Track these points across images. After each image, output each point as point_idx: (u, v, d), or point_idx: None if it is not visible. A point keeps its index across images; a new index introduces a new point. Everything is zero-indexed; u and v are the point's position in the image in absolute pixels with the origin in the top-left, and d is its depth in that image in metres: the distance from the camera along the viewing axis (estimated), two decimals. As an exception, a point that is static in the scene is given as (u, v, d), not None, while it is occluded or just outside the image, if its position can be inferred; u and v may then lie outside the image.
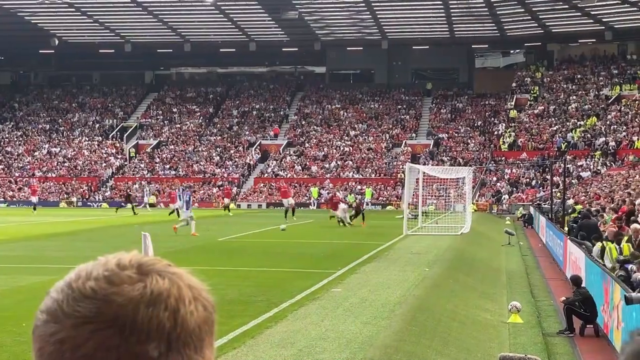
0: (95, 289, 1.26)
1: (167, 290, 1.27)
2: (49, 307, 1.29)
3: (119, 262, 1.30)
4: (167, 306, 1.26)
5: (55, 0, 75.38)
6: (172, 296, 1.27)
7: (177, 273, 1.31)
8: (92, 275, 1.28)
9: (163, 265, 1.32)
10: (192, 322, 1.28)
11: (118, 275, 1.28)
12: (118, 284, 1.27)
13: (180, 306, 1.27)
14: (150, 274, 1.29)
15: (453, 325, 15.35)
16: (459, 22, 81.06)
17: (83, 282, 1.28)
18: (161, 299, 1.26)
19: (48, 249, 28.63)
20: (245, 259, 25.44)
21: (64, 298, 1.28)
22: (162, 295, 1.27)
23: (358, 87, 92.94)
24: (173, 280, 1.29)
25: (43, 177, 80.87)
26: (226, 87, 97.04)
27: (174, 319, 1.26)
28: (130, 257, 1.32)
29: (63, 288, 1.30)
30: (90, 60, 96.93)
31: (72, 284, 1.29)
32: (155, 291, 1.26)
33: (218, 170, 79.59)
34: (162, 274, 1.29)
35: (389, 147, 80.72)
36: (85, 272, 1.30)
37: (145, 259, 1.32)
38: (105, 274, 1.28)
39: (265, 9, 77.00)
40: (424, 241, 32.29)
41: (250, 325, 13.71)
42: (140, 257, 1.32)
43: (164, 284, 1.28)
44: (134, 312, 1.24)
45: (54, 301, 1.29)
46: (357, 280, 19.85)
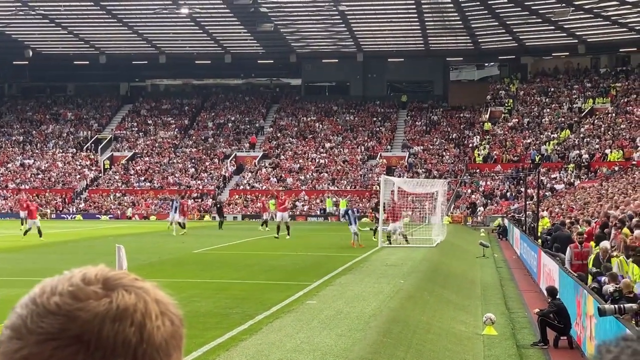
0: (59, 304, 1.24)
1: (133, 305, 1.25)
2: (14, 323, 1.27)
3: (84, 277, 1.28)
4: (133, 321, 1.24)
5: (29, 12, 75.03)
6: (138, 311, 1.25)
7: (144, 287, 1.29)
8: (57, 290, 1.26)
9: (130, 280, 1.30)
10: (158, 337, 1.26)
11: (83, 290, 1.25)
12: (83, 299, 1.24)
13: (146, 321, 1.25)
14: (116, 289, 1.27)
15: (428, 337, 15.38)
16: (434, 35, 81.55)
17: (47, 298, 1.26)
18: (127, 314, 1.24)
19: (20, 262, 28.40)
20: (221, 271, 25.37)
21: (28, 314, 1.25)
22: (128, 310, 1.25)
23: (333, 100, 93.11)
24: (139, 295, 1.27)
25: (16, 189, 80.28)
26: (201, 98, 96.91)
27: (140, 334, 1.24)
28: (96, 272, 1.30)
29: (27, 304, 1.28)
30: (65, 71, 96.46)
31: (37, 299, 1.27)
32: (121, 306, 1.24)
33: (193, 182, 79.37)
34: (129, 289, 1.27)
35: (364, 159, 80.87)
36: (50, 287, 1.28)
37: (111, 273, 1.30)
38: (70, 289, 1.26)
39: (241, 21, 77.07)
40: (399, 253, 32.34)
41: (225, 338, 13.66)
42: (106, 272, 1.30)
43: (130, 299, 1.26)
44: (100, 328, 1.22)
45: (18, 317, 1.27)
46: (332, 292, 19.85)
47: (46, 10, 74.79)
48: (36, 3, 72.49)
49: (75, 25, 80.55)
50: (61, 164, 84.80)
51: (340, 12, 72.96)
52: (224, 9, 73.31)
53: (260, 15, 73.78)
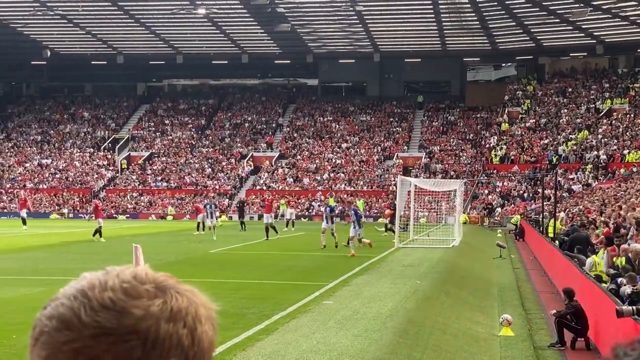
0: (114, 299, 1.24)
1: (185, 308, 1.28)
2: (62, 314, 1.25)
3: (136, 275, 1.29)
4: (186, 324, 1.27)
5: (48, 12, 75.39)
6: (189, 314, 1.28)
7: (193, 291, 1.32)
8: (108, 286, 1.26)
9: (176, 282, 1.32)
10: (206, 341, 1.29)
11: (136, 288, 1.27)
12: (136, 297, 1.25)
13: (197, 325, 1.28)
14: (168, 291, 1.28)
15: (444, 338, 15.33)
16: (451, 36, 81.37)
17: (100, 292, 1.25)
18: (180, 317, 1.26)
19: (38, 261, 28.52)
20: (237, 271, 25.39)
21: (80, 306, 1.24)
22: (181, 312, 1.27)
23: (350, 100, 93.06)
24: (191, 299, 1.30)
25: (34, 188, 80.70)
26: (218, 99, 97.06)
27: (192, 337, 1.27)
28: (145, 271, 1.31)
29: (76, 296, 1.26)
30: (83, 71, 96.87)
31: (88, 292, 1.26)
32: (174, 308, 1.26)
33: (210, 182, 79.50)
34: (180, 292, 1.29)
35: (380, 160, 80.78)
36: (99, 281, 1.28)
37: (159, 274, 1.32)
38: (123, 286, 1.26)
39: (258, 21, 77.14)
40: (416, 254, 32.27)
41: (242, 338, 13.66)
42: (154, 272, 1.32)
43: (182, 302, 1.28)
44: (156, 327, 1.24)
45: (68, 309, 1.25)
46: (349, 292, 19.82)
47: (64, 11, 75.11)
48: (54, 3, 72.82)
49: (93, 26, 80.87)
50: (79, 163, 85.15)
51: (357, 12, 72.91)
52: (241, 9, 73.40)
53: (277, 15, 73.83)
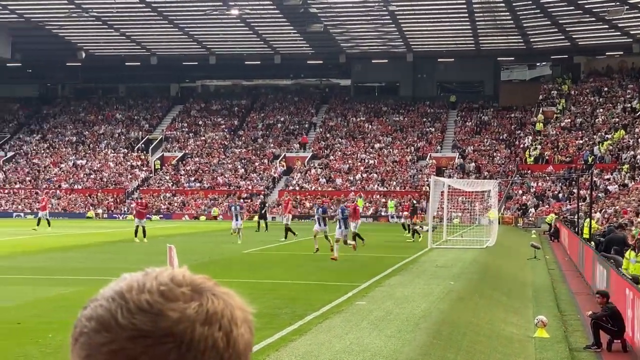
0: (150, 302, 1.26)
1: (221, 310, 1.28)
2: (101, 316, 1.27)
3: (173, 278, 1.30)
4: (221, 326, 1.27)
5: (83, 14, 76.02)
6: (225, 317, 1.28)
7: (229, 294, 1.33)
8: (145, 288, 1.28)
9: (213, 284, 1.32)
10: (242, 344, 1.30)
11: (173, 290, 1.27)
12: (173, 299, 1.26)
13: (233, 328, 1.29)
14: (204, 293, 1.29)
15: (478, 340, 15.21)
16: (484, 35, 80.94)
17: (137, 294, 1.27)
18: (216, 319, 1.27)
19: (73, 261, 28.73)
20: (270, 271, 25.40)
21: (117, 308, 1.26)
22: (217, 315, 1.27)
23: (383, 100, 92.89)
24: (227, 302, 1.30)
25: (69, 189, 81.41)
26: (251, 99, 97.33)
27: (227, 340, 1.28)
28: (182, 273, 1.32)
29: (114, 297, 1.28)
30: (117, 72, 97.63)
31: (125, 294, 1.27)
32: (210, 311, 1.27)
33: (243, 183, 79.72)
34: (217, 294, 1.30)
35: (413, 160, 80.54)
36: (136, 283, 1.29)
37: (196, 276, 1.32)
38: (160, 288, 1.27)
39: (291, 22, 77.23)
40: (449, 254, 32.12)
41: (275, 338, 13.64)
42: (191, 274, 1.32)
43: (218, 305, 1.29)
44: (191, 330, 1.25)
45: (106, 310, 1.27)
46: (382, 293, 19.75)
47: (99, 12, 75.69)
48: (89, 5, 73.41)
49: (127, 27, 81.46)
50: (113, 164, 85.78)
51: (390, 12, 72.74)
52: (274, 9, 73.54)
53: (309, 15, 73.87)
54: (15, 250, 33.42)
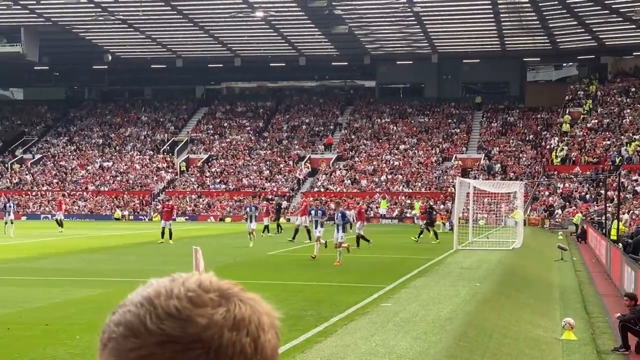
0: (179, 308, 1.26)
1: (249, 316, 1.29)
2: (129, 321, 1.28)
3: (200, 283, 1.30)
4: (249, 332, 1.28)
5: (109, 17, 76.47)
6: (252, 323, 1.29)
7: (256, 299, 1.33)
8: (173, 294, 1.28)
9: (239, 290, 1.33)
10: (269, 349, 1.31)
11: (201, 296, 1.28)
12: (201, 305, 1.27)
13: (260, 333, 1.29)
14: (231, 299, 1.30)
15: (505, 342, 15.14)
16: (510, 35, 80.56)
17: (165, 300, 1.27)
18: (243, 325, 1.28)
19: (100, 262, 28.90)
20: (295, 273, 25.41)
21: (146, 314, 1.27)
22: (244, 321, 1.28)
23: (408, 101, 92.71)
24: (254, 307, 1.31)
25: (96, 191, 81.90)
26: (276, 101, 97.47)
27: (255, 346, 1.28)
28: (209, 279, 1.32)
29: (143, 303, 1.29)
30: (142, 75, 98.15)
31: (154, 300, 1.28)
32: (238, 316, 1.28)
33: (268, 185, 79.83)
34: (244, 300, 1.31)
35: (439, 161, 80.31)
36: (164, 289, 1.30)
37: (223, 282, 1.33)
38: (189, 295, 1.28)
39: (315, 24, 77.27)
40: (475, 256, 31.98)
41: (300, 340, 13.64)
42: (218, 280, 1.33)
43: (245, 310, 1.29)
44: (219, 336, 1.25)
45: (135, 316, 1.28)
46: (407, 295, 19.70)
47: (125, 15, 76.10)
48: (115, 8, 73.83)
49: (153, 30, 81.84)
50: (139, 166, 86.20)
51: (414, 13, 72.58)
52: (299, 11, 73.59)
53: (334, 17, 73.86)
54: (43, 252, 33.67)
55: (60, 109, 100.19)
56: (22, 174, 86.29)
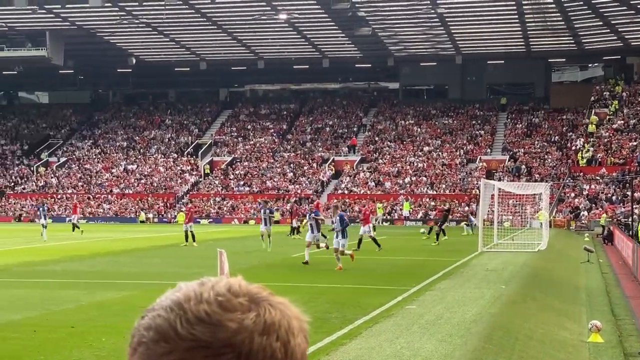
0: (209, 313, 1.26)
1: (278, 321, 1.29)
2: (159, 326, 1.28)
3: (230, 288, 1.30)
4: (279, 337, 1.28)
5: (133, 20, 76.83)
6: (282, 327, 1.29)
7: (285, 304, 1.33)
8: (203, 298, 1.28)
9: (269, 294, 1.33)
10: (299, 353, 1.31)
11: (231, 301, 1.28)
12: (231, 310, 1.27)
13: (290, 338, 1.29)
14: (261, 303, 1.30)
15: (531, 344, 15.03)
16: (535, 36, 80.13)
17: (195, 305, 1.27)
18: (273, 330, 1.28)
19: (125, 265, 29.01)
20: (319, 275, 25.38)
21: (176, 318, 1.27)
22: (274, 325, 1.28)
23: (432, 103, 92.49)
24: (283, 312, 1.31)
25: (120, 193, 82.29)
26: (299, 103, 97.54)
27: (285, 350, 1.28)
28: (239, 283, 1.32)
29: (172, 307, 1.28)
30: (166, 78, 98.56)
31: (184, 304, 1.28)
32: (268, 321, 1.28)
33: (292, 187, 79.88)
34: (273, 304, 1.31)
35: (463, 163, 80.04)
36: (194, 293, 1.29)
37: (252, 286, 1.33)
38: (218, 299, 1.28)
39: (339, 26, 77.23)
40: (500, 258, 31.82)
41: (325, 342, 13.61)
42: (247, 284, 1.33)
43: (275, 315, 1.29)
44: (250, 340, 1.25)
45: (165, 320, 1.27)
46: (432, 297, 19.62)
47: (149, 19, 76.44)
48: (140, 12, 74.18)
49: (176, 33, 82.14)
50: (163, 169, 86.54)
51: (438, 14, 72.36)
52: (322, 13, 73.58)
53: (358, 19, 73.80)
54: (69, 254, 33.86)
55: (85, 112, 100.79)
56: (47, 177, 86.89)
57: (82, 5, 71.09)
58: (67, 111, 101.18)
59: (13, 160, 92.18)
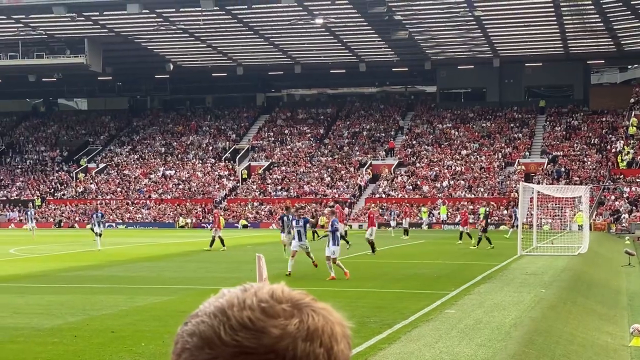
0: (252, 319, 1.27)
1: (322, 327, 1.29)
2: (203, 332, 1.28)
3: (273, 294, 1.31)
4: (322, 343, 1.28)
5: (170, 27, 77.40)
6: (325, 333, 1.29)
7: (327, 309, 1.34)
8: (246, 305, 1.28)
9: (311, 300, 1.33)
10: (342, 359, 1.32)
11: (274, 307, 1.28)
12: (274, 316, 1.27)
13: (333, 344, 1.30)
14: (304, 309, 1.30)
15: (572, 349, 14.89)
16: (573, 38, 79.45)
17: (239, 311, 1.28)
18: (317, 336, 1.28)
19: (164, 270, 29.18)
20: (358, 280, 25.33)
21: (220, 325, 1.27)
22: (317, 331, 1.28)
23: (469, 106, 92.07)
24: (326, 318, 1.31)
25: (159, 199, 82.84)
26: (336, 107, 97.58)
27: (328, 357, 1.29)
28: (281, 289, 1.33)
29: (216, 314, 1.29)
30: (204, 83, 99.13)
31: (227, 311, 1.28)
32: (311, 327, 1.28)
33: (329, 191, 79.90)
34: (316, 310, 1.31)
35: (501, 166, 79.55)
36: (237, 299, 1.30)
37: (295, 292, 1.33)
38: (261, 305, 1.28)
39: (375, 30, 77.16)
40: (539, 262, 31.56)
41: (364, 347, 13.58)
42: (290, 290, 1.33)
43: (318, 321, 1.30)
44: (293, 346, 1.26)
45: (209, 327, 1.28)
46: (471, 301, 19.51)
47: (186, 25, 76.96)
48: (177, 18, 74.71)
49: (213, 39, 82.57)
50: (201, 174, 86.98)
51: (475, 17, 72.04)
52: (359, 18, 73.57)
53: (394, 23, 73.69)
54: (108, 259, 34.13)
55: (124, 118, 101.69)
56: (86, 183, 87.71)
57: (120, 12, 71.78)
58: (105, 117, 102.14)
59: (53, 167, 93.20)
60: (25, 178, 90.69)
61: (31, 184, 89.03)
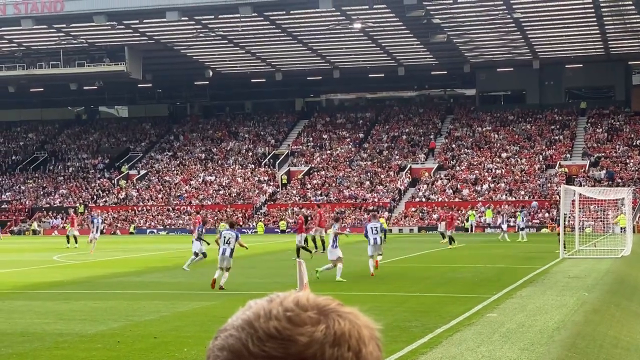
0: (279, 329, 1.28)
1: (348, 331, 1.30)
2: (232, 345, 1.30)
3: (298, 302, 1.32)
4: (350, 346, 1.29)
5: (209, 34, 77.89)
6: (353, 337, 1.30)
7: (354, 313, 1.35)
8: (272, 315, 1.30)
9: (337, 305, 1.34)
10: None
11: (300, 315, 1.30)
12: (300, 324, 1.29)
13: (361, 346, 1.31)
14: (329, 315, 1.31)
15: (616, 352, 14.73)
16: (614, 39, 78.67)
17: (265, 322, 1.29)
18: (344, 340, 1.29)
19: (204, 276, 29.30)
20: (398, 284, 25.28)
21: (248, 337, 1.29)
22: (344, 335, 1.30)
23: (509, 109, 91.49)
24: (352, 321, 1.32)
25: (199, 205, 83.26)
26: (375, 112, 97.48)
27: (357, 359, 1.30)
28: (307, 297, 1.34)
29: (243, 327, 1.30)
30: (243, 89, 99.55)
31: (254, 322, 1.30)
32: (338, 332, 1.29)
33: (369, 195, 79.80)
34: (342, 315, 1.32)
35: (542, 169, 78.93)
36: (263, 310, 1.31)
37: (320, 298, 1.35)
38: (287, 314, 1.30)
39: (414, 33, 77.00)
40: (582, 265, 31.26)
41: (405, 351, 13.55)
42: (315, 297, 1.35)
43: (345, 325, 1.31)
44: (321, 353, 1.27)
45: (237, 340, 1.29)
46: (513, 305, 19.38)
47: (225, 32, 77.39)
48: (216, 25, 75.16)
49: (252, 45, 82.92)
50: (241, 179, 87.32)
51: (514, 19, 71.59)
52: (397, 22, 73.47)
53: (433, 26, 73.48)
54: (150, 265, 34.42)
55: (164, 125, 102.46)
56: (128, 189, 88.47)
57: (160, 20, 72.38)
58: (146, 124, 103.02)
59: (95, 174, 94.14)
60: (68, 185, 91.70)
61: (73, 191, 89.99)
